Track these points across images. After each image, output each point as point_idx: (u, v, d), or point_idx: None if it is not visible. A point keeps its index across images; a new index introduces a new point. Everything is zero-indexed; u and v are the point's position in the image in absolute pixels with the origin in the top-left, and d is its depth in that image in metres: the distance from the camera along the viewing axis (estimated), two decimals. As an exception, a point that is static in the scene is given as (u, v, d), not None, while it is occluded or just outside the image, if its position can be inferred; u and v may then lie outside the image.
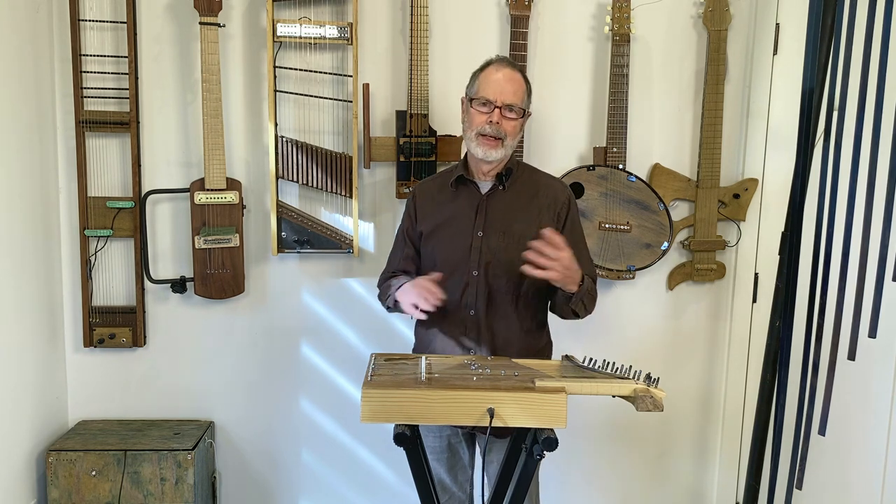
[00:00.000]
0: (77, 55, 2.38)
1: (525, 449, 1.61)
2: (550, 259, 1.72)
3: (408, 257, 2.05)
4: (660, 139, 2.57)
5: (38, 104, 2.36)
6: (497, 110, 1.86)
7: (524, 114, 1.92)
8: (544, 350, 2.03)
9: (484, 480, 1.78)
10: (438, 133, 2.43)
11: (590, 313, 1.95)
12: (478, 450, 2.10)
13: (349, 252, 2.47)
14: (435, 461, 2.02)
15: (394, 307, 1.97)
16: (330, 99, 2.46)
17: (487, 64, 1.94)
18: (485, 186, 1.96)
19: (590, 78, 2.54)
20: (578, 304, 1.88)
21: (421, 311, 1.80)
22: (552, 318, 2.04)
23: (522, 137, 2.42)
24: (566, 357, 1.83)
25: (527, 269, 1.73)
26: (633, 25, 2.45)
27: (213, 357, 2.60)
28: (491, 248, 1.90)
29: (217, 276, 2.44)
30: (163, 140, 2.49)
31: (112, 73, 2.42)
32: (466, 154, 1.97)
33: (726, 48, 2.48)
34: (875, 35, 1.72)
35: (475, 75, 1.95)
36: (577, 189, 2.44)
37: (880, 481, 2.17)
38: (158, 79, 2.46)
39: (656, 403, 1.52)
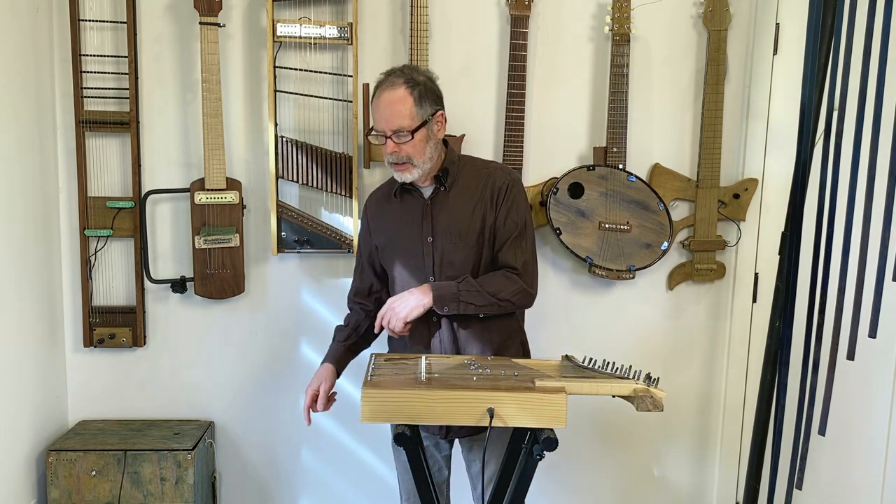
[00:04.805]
0: (77, 55, 2.38)
1: (525, 449, 1.61)
2: (387, 323, 1.85)
3: (364, 274, 2.09)
4: (660, 139, 2.57)
5: (38, 104, 2.36)
6: (389, 140, 1.82)
7: (422, 126, 1.82)
8: (512, 339, 1.99)
9: (482, 484, 1.78)
10: (438, 133, 2.43)
11: (513, 305, 1.90)
12: (458, 450, 2.10)
13: (349, 252, 2.47)
14: (406, 472, 2.00)
15: None
16: (330, 99, 2.46)
17: (375, 88, 1.88)
18: (427, 191, 1.94)
19: (590, 78, 2.54)
20: (460, 306, 1.84)
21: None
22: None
23: (521, 134, 2.42)
24: (566, 357, 1.83)
25: (392, 332, 1.86)
26: (633, 25, 2.45)
27: (213, 357, 2.60)
28: (442, 252, 1.90)
29: (217, 276, 2.44)
30: (163, 140, 2.49)
31: (112, 73, 2.42)
32: None
33: (726, 48, 2.48)
34: (875, 35, 1.72)
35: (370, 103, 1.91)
36: (577, 189, 2.44)
37: (880, 481, 2.17)
38: (158, 79, 2.46)
39: (656, 403, 1.53)
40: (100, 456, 2.33)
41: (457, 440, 2.06)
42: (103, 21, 2.41)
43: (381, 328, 1.91)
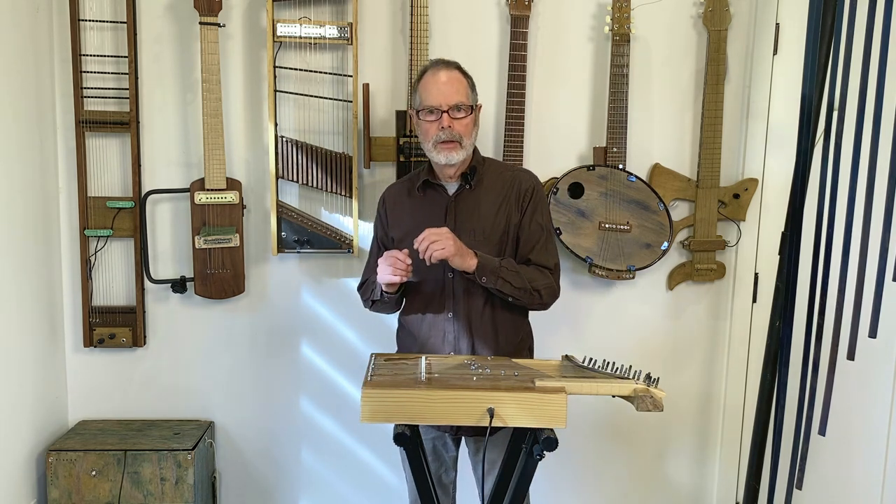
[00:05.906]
0: (77, 55, 2.38)
1: (525, 449, 1.61)
2: (432, 242, 1.75)
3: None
4: (660, 139, 2.57)
5: (38, 104, 2.36)
6: (445, 115, 1.85)
7: (473, 109, 1.91)
8: (524, 341, 2.03)
9: (483, 481, 1.78)
10: (438, 133, 2.43)
11: (541, 298, 1.91)
12: (464, 450, 2.10)
13: (349, 252, 2.47)
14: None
15: (379, 297, 1.97)
16: (330, 99, 2.46)
17: (423, 72, 1.93)
18: (451, 188, 1.97)
19: (590, 78, 2.54)
20: (498, 282, 1.84)
21: (398, 279, 1.83)
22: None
23: (521, 134, 2.43)
24: (566, 357, 1.83)
25: (427, 259, 1.76)
26: (633, 25, 2.45)
27: (213, 357, 2.60)
28: None
29: (217, 276, 2.44)
30: (163, 140, 2.49)
31: (112, 73, 2.42)
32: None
33: (726, 48, 2.48)
34: (875, 35, 1.72)
35: (415, 87, 1.95)
36: (577, 189, 2.44)
37: (880, 481, 2.17)
38: (158, 79, 2.47)
39: (656, 403, 1.52)
40: (100, 456, 2.33)
41: (465, 441, 2.07)
42: (103, 21, 2.41)
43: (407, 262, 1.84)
